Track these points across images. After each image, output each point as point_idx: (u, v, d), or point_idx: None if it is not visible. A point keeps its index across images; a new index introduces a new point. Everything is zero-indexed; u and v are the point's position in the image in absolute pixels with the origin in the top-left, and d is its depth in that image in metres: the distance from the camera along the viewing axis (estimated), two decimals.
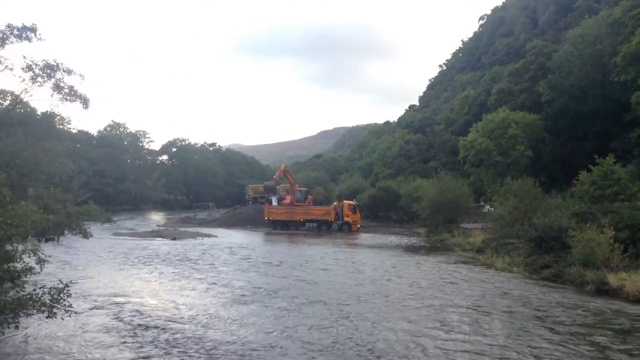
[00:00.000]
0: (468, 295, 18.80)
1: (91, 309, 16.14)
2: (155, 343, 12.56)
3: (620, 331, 13.80)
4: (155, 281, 22.02)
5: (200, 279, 22.44)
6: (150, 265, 26.91)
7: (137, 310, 16.03)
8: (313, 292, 19.40)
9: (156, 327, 13.96)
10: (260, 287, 20.25)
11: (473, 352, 11.90)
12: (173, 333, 13.42)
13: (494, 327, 14.17)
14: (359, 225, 53.90)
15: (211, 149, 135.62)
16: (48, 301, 10.79)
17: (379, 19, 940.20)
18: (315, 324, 14.38)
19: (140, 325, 14.24)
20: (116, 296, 18.32)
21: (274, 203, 58.82)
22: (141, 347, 12.29)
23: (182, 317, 15.13)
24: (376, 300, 17.84)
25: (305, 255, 32.28)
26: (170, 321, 14.65)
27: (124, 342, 12.63)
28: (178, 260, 28.98)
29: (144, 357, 11.61)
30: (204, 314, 15.51)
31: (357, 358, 11.60)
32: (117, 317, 15.16)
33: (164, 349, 12.12)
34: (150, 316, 15.22)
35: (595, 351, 12.08)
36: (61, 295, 11.07)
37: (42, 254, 11.14)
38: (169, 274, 23.99)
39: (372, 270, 25.55)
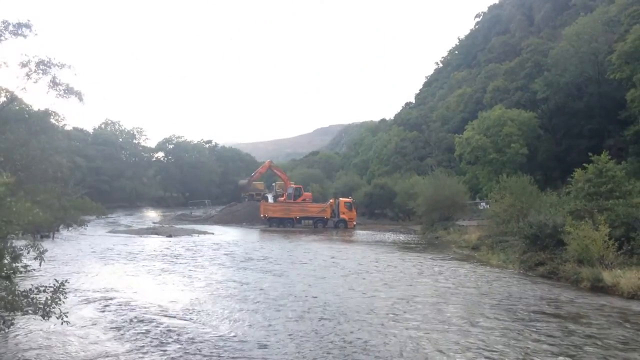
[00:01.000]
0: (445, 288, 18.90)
1: (83, 302, 16.44)
2: (147, 336, 12.83)
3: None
4: (151, 278, 22.08)
5: (195, 276, 22.48)
6: (147, 262, 26.94)
7: (129, 305, 16.37)
8: (299, 288, 19.58)
9: (146, 322, 14.30)
10: (250, 284, 20.41)
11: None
12: (166, 327, 13.67)
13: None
14: (354, 223, 53.95)
15: (207, 146, 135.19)
16: (44, 300, 10.70)
17: (376, 16, 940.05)
18: (290, 317, 15.04)
19: (131, 319, 14.57)
20: (109, 291, 18.54)
21: (270, 200, 58.87)
22: (134, 339, 12.53)
23: (177, 313, 15.24)
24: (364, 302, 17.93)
25: (302, 253, 32.39)
26: (164, 316, 14.78)
27: (116, 336, 12.93)
28: (173, 257, 29.05)
29: (137, 348, 11.90)
30: (195, 309, 15.64)
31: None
32: (108, 312, 15.50)
33: (155, 341, 12.42)
34: (145, 313, 15.30)
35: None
36: (57, 294, 10.98)
37: (40, 250, 11.05)
38: (164, 270, 24.07)
39: (377, 272, 25.61)
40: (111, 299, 17.35)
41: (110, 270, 23.98)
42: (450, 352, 11.70)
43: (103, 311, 15.63)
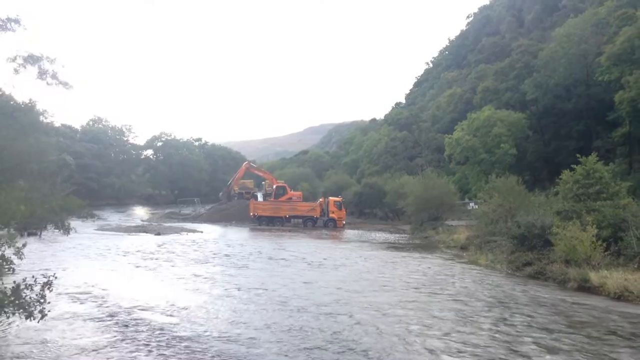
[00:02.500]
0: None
1: (62, 298, 16.36)
2: (127, 332, 12.77)
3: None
4: (136, 275, 21.93)
5: (179, 273, 22.33)
6: (133, 260, 26.75)
7: (107, 300, 16.48)
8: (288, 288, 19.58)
9: (130, 318, 14.32)
10: (240, 281, 20.36)
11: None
12: (149, 323, 13.70)
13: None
14: (344, 222, 53.99)
15: (197, 144, 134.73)
16: (29, 299, 10.54)
17: (367, 16, 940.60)
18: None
19: (111, 315, 14.67)
20: (88, 287, 18.60)
21: (260, 199, 58.77)
22: (113, 334, 12.65)
23: (163, 309, 15.15)
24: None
25: (293, 251, 32.33)
26: (146, 312, 14.70)
27: (94, 330, 13.09)
28: (161, 255, 28.89)
29: (114, 342, 12.03)
30: (179, 306, 15.52)
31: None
32: (83, 305, 15.73)
33: (137, 338, 12.26)
34: (127, 308, 15.17)
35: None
36: (42, 291, 10.83)
37: (19, 246, 10.88)
38: (150, 268, 23.93)
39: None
40: (88, 293, 17.59)
41: (93, 267, 23.78)
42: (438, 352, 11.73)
43: (82, 304, 15.92)
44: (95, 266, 24.43)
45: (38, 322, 10.65)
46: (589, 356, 11.43)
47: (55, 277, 11.49)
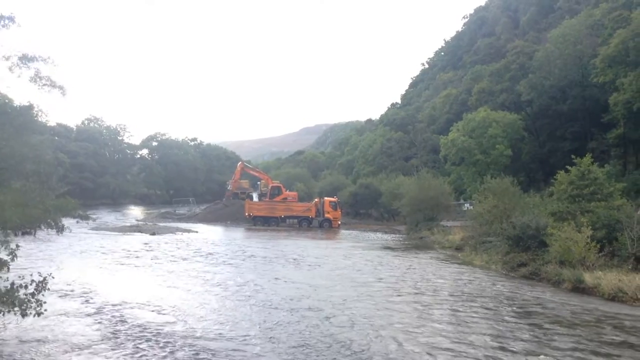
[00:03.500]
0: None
1: (55, 296, 16.37)
2: (122, 331, 12.76)
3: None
4: (134, 275, 21.90)
5: (176, 271, 22.31)
6: (130, 260, 26.72)
7: (106, 301, 16.40)
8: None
9: (120, 315, 14.66)
10: (237, 282, 20.38)
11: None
12: (139, 321, 13.95)
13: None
14: (339, 222, 54.03)
15: (192, 143, 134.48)
16: (23, 296, 10.55)
17: (363, 17, 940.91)
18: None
19: (101, 311, 15.04)
20: (84, 286, 18.62)
21: (255, 199, 58.74)
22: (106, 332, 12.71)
23: (160, 309, 15.17)
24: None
25: (283, 251, 32.34)
26: (145, 314, 14.71)
27: (86, 327, 13.30)
28: (156, 254, 28.87)
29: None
30: (175, 306, 15.54)
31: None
32: (73, 302, 16.11)
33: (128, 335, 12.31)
34: (126, 310, 15.19)
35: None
36: (38, 290, 10.84)
37: (13, 246, 10.88)
38: (143, 266, 23.94)
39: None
40: (79, 291, 17.76)
41: (85, 266, 23.79)
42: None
43: (74, 301, 16.19)
44: (88, 265, 24.45)
45: (34, 316, 10.71)
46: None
47: (52, 277, 11.52)
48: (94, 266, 24.23)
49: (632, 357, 11.52)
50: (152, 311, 15.20)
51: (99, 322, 13.75)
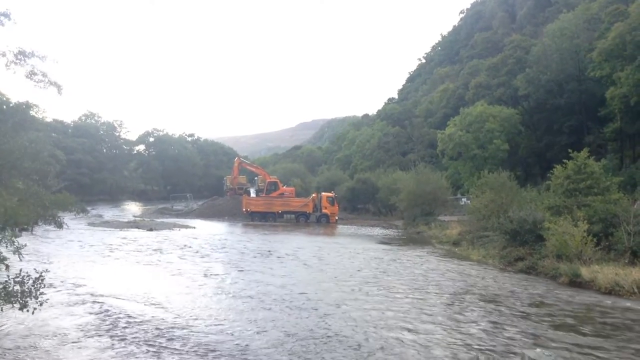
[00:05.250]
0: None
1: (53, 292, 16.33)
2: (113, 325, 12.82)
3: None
4: (131, 270, 21.94)
5: (173, 267, 22.34)
6: (127, 255, 26.73)
7: (97, 295, 16.49)
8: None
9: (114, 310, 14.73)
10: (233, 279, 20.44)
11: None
12: (134, 318, 13.86)
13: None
14: (337, 217, 54.08)
15: (189, 139, 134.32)
16: (21, 290, 10.59)
17: (360, 12, 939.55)
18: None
19: (96, 307, 15.09)
20: (80, 281, 18.72)
21: (252, 194, 58.72)
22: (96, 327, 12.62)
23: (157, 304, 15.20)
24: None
25: (284, 246, 32.41)
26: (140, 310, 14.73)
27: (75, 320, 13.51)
28: (154, 250, 28.88)
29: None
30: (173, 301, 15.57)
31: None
32: (65, 295, 16.18)
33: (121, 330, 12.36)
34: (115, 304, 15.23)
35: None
36: (35, 285, 10.88)
37: (18, 243, 10.89)
38: (142, 264, 23.94)
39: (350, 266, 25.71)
40: (74, 285, 17.97)
41: (82, 261, 23.88)
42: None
43: (69, 296, 16.33)
44: (85, 260, 24.52)
45: (32, 313, 10.76)
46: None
47: (48, 271, 11.57)
48: (90, 261, 24.26)
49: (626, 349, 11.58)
50: (144, 304, 15.40)
51: (92, 314, 14.03)
